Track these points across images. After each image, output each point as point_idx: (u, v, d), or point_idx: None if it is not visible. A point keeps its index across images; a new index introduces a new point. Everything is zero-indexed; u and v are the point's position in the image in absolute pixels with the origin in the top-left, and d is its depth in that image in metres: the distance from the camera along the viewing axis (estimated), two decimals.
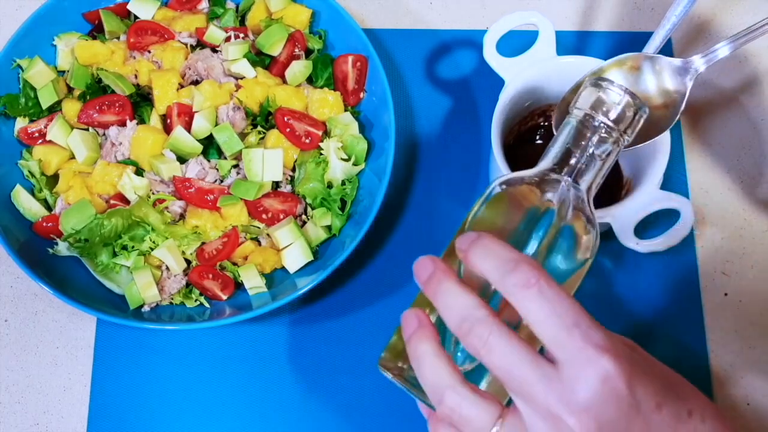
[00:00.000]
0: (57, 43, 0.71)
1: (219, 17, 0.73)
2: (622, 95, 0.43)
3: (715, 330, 0.66)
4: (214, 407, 0.65)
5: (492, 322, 0.38)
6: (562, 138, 0.44)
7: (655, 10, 0.77)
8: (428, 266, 0.40)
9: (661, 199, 0.58)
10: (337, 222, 0.66)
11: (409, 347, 0.40)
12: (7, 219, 0.65)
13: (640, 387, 0.37)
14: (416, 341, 0.40)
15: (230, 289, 0.65)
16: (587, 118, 0.43)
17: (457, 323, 0.38)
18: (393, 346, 0.44)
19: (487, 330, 0.37)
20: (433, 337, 0.40)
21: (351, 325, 0.67)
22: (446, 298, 0.39)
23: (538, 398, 0.36)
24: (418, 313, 0.41)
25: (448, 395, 0.38)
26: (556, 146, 0.44)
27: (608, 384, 0.36)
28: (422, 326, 0.40)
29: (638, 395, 0.36)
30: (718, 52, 0.55)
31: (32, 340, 0.67)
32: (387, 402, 0.65)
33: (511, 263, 0.38)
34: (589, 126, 0.43)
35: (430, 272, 0.40)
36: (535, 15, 0.62)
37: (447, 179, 0.71)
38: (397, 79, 0.74)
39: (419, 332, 0.40)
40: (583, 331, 0.36)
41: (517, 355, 0.37)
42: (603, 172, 0.44)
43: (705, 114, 0.73)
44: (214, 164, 0.67)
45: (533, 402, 0.37)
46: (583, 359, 0.36)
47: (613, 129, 0.43)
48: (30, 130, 0.68)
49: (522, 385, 0.37)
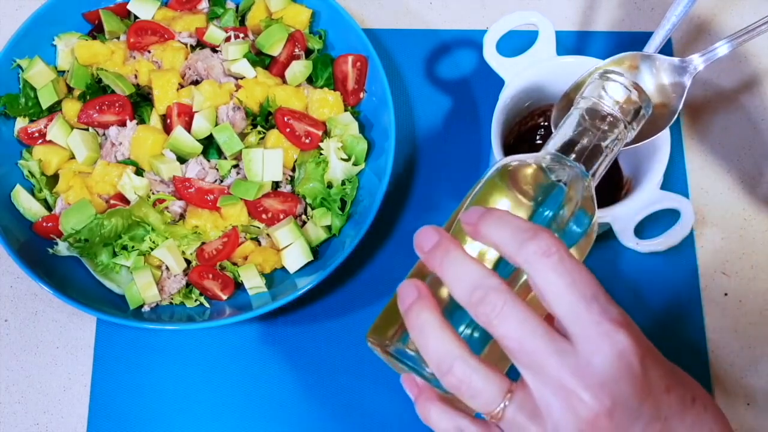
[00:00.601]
0: (57, 43, 0.71)
1: (219, 17, 0.73)
2: (630, 88, 0.43)
3: (715, 330, 0.66)
4: (214, 407, 0.65)
5: (507, 291, 0.36)
6: (568, 125, 0.44)
7: (655, 10, 0.77)
8: (433, 235, 0.39)
9: (661, 199, 0.58)
10: (337, 222, 0.66)
11: (409, 318, 0.38)
12: (7, 219, 0.65)
13: (653, 367, 0.36)
14: (417, 311, 0.38)
15: (230, 289, 0.65)
16: (594, 107, 0.43)
17: (468, 291, 0.36)
18: (384, 319, 0.42)
19: (502, 299, 0.36)
20: (435, 307, 0.38)
21: (351, 325, 0.67)
22: (455, 267, 0.37)
23: (551, 372, 0.35)
24: (417, 283, 0.39)
25: (458, 366, 0.36)
26: (561, 133, 0.44)
27: (624, 360, 0.35)
28: (423, 296, 0.38)
29: (650, 375, 0.36)
30: (717, 51, 0.56)
31: (32, 340, 0.67)
32: (387, 402, 0.65)
33: (529, 232, 0.36)
34: (596, 115, 0.43)
35: (435, 241, 0.38)
36: (535, 15, 0.62)
37: (447, 179, 0.71)
38: (397, 79, 0.74)
39: (420, 302, 0.38)
40: (602, 305, 0.35)
41: (532, 327, 0.35)
42: (606, 163, 0.44)
43: (705, 114, 0.73)
44: (214, 164, 0.67)
45: (545, 376, 0.35)
46: (601, 333, 0.35)
47: (618, 119, 0.43)
48: (30, 130, 0.68)
49: (535, 358, 0.35)
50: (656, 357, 0.37)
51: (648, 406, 0.36)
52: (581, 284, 0.36)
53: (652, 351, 0.37)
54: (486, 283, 0.36)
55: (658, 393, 0.36)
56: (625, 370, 0.35)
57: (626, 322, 0.36)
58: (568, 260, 0.36)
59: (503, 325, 0.36)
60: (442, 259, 0.38)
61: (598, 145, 0.43)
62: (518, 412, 0.37)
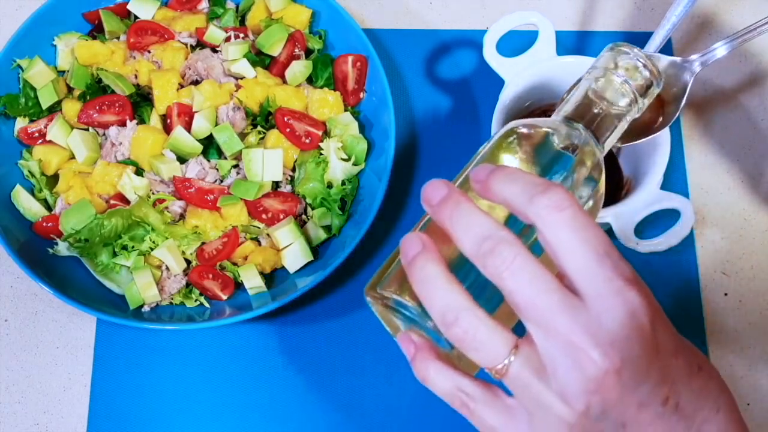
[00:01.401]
0: (57, 43, 0.71)
1: (219, 17, 0.73)
2: (642, 60, 0.43)
3: (715, 330, 0.66)
4: (214, 407, 0.65)
5: (518, 243, 0.34)
6: (578, 93, 0.44)
7: (655, 10, 0.77)
8: (442, 188, 0.37)
9: (661, 199, 0.58)
10: (337, 222, 0.66)
11: (413, 270, 0.36)
12: (7, 219, 0.65)
13: (662, 330, 0.35)
14: (422, 263, 0.36)
15: (230, 289, 0.65)
16: (606, 77, 0.43)
17: (477, 242, 0.35)
18: (384, 273, 0.41)
19: (513, 251, 0.34)
20: (440, 259, 0.36)
21: (351, 325, 0.67)
22: (465, 218, 0.36)
23: (560, 329, 0.34)
24: (421, 236, 0.37)
25: (464, 316, 0.35)
26: (571, 101, 0.44)
27: (635, 319, 0.34)
28: (427, 249, 0.37)
29: (659, 336, 0.35)
30: (716, 51, 0.56)
31: (32, 340, 0.68)
32: (387, 402, 0.65)
33: (541, 186, 0.35)
34: (607, 86, 0.43)
35: (444, 194, 0.37)
36: (535, 15, 0.62)
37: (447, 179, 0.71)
38: (397, 79, 0.74)
39: (425, 254, 0.36)
40: (614, 262, 0.34)
41: (543, 282, 0.34)
42: (613, 136, 0.44)
43: (705, 114, 0.73)
44: (214, 164, 0.67)
45: (554, 333, 0.34)
46: (613, 290, 0.34)
47: (628, 91, 0.43)
48: (30, 130, 0.68)
49: (544, 314, 0.34)
50: (664, 319, 0.36)
51: (656, 368, 0.35)
52: (594, 240, 0.34)
53: (661, 313, 0.36)
54: (497, 235, 0.35)
55: (666, 356, 0.35)
56: (635, 330, 0.34)
57: (637, 281, 0.35)
58: (581, 215, 0.34)
59: (513, 278, 0.34)
60: (452, 211, 0.36)
61: (607, 115, 0.43)
62: (523, 368, 0.35)
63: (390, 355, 0.66)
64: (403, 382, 0.65)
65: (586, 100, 0.44)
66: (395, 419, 0.64)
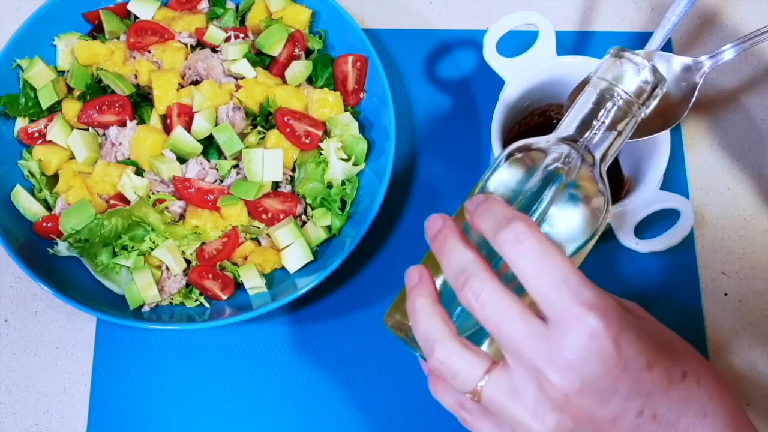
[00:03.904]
0: (57, 43, 0.71)
1: (219, 17, 0.73)
2: (645, 66, 0.43)
3: (715, 330, 0.66)
4: (214, 407, 0.65)
5: (486, 277, 0.38)
6: (579, 106, 0.44)
7: (655, 10, 0.77)
8: (438, 223, 0.41)
9: (661, 199, 0.58)
10: (337, 222, 0.66)
11: (408, 300, 0.41)
12: (7, 219, 0.65)
13: (629, 346, 0.36)
14: (414, 295, 0.41)
15: (230, 289, 0.65)
16: (608, 88, 0.43)
17: (455, 275, 0.39)
18: (398, 302, 0.44)
19: (481, 284, 0.38)
20: (430, 292, 0.40)
21: (351, 325, 0.67)
22: (447, 252, 0.39)
23: (525, 354, 0.37)
24: (420, 269, 0.41)
25: (437, 348, 0.39)
26: (573, 114, 0.44)
27: (595, 342, 0.36)
28: (422, 282, 0.41)
29: (625, 354, 0.36)
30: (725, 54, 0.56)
31: (32, 340, 0.68)
32: (387, 401, 0.65)
33: (504, 220, 0.38)
34: (609, 96, 0.43)
35: (438, 228, 0.41)
36: (535, 15, 0.62)
37: (447, 179, 0.71)
38: (397, 79, 0.74)
39: (418, 287, 0.41)
40: (573, 289, 0.36)
41: (508, 311, 0.37)
42: (617, 145, 0.44)
43: (705, 114, 0.73)
44: (214, 164, 0.67)
45: (521, 357, 0.37)
46: (571, 316, 0.36)
47: (632, 102, 0.43)
48: (30, 130, 0.68)
49: (511, 341, 0.37)
50: (639, 333, 0.37)
51: (624, 382, 0.36)
52: (551, 269, 0.37)
53: (631, 329, 0.37)
54: (470, 269, 0.38)
55: (635, 370, 0.37)
56: (595, 352, 0.36)
57: (599, 304, 0.36)
58: (538, 246, 0.37)
59: (482, 309, 0.37)
60: (441, 245, 0.40)
61: (608, 126, 0.43)
62: (495, 391, 0.38)
63: (390, 355, 0.66)
64: (403, 381, 0.65)
65: (588, 112, 0.44)
66: (396, 419, 0.64)
